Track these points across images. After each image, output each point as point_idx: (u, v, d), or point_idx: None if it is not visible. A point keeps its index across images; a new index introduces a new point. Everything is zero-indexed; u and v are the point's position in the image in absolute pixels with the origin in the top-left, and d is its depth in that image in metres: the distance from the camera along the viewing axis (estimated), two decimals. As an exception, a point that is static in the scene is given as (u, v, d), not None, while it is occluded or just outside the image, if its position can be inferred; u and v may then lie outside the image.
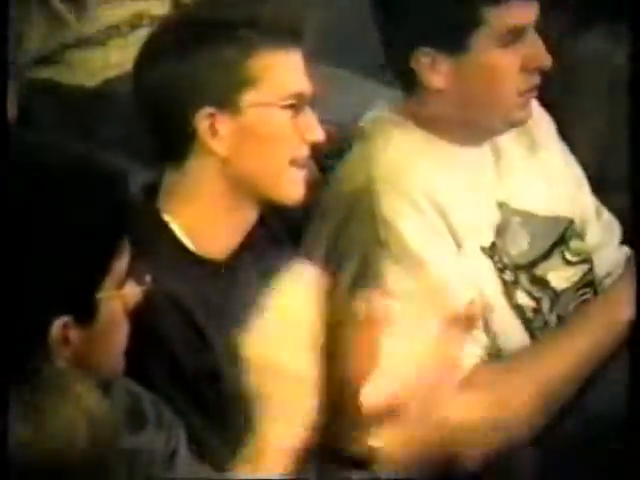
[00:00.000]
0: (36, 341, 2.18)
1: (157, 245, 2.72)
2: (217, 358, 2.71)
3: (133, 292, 2.29)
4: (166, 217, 2.71)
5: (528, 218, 3.12)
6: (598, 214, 3.27)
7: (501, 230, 3.10)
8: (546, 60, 2.87)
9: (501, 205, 3.08)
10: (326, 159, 3.15)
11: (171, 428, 2.44)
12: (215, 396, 2.73)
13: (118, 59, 3.61)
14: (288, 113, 2.69)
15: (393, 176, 3.00)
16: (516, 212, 3.13)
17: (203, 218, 2.77)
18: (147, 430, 2.38)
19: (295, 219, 3.07)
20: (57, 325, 2.14)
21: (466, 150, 3.03)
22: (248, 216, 2.77)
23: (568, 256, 3.14)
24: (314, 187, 2.99)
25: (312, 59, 2.86)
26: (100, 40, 3.64)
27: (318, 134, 2.74)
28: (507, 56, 2.85)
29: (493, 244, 3.06)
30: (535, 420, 2.96)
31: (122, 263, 2.25)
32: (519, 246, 3.12)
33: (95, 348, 2.24)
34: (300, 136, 2.73)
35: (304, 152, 2.74)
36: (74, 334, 2.17)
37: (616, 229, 3.29)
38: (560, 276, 3.13)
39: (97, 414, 2.02)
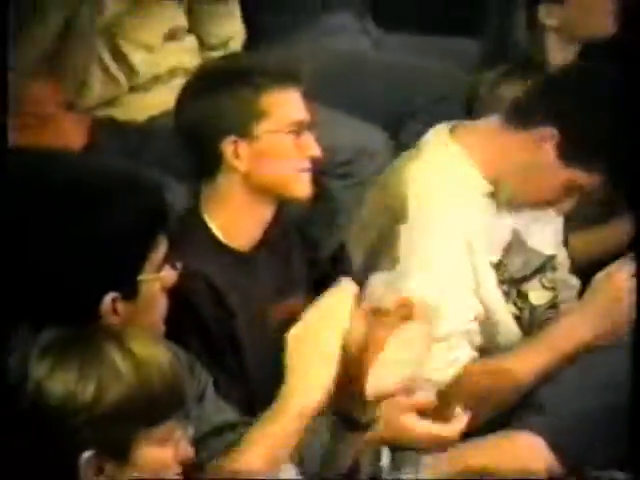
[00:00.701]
0: (92, 310, 2.49)
1: (198, 238, 3.07)
2: (239, 328, 3.02)
3: (169, 275, 2.57)
4: (206, 217, 3.06)
5: (524, 246, 3.39)
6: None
7: (507, 251, 3.36)
8: (316, 151, 3.07)
9: (514, 231, 3.37)
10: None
11: (200, 375, 2.72)
12: (235, 358, 3.02)
13: (160, 101, 3.84)
14: (292, 136, 3.03)
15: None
16: (519, 240, 3.39)
17: (231, 218, 3.09)
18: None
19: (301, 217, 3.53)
20: (107, 299, 2.46)
21: None
22: (265, 216, 3.09)
23: (544, 282, 3.43)
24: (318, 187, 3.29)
25: (308, 96, 3.13)
26: (146, 87, 3.90)
27: (316, 150, 3.05)
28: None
29: (500, 261, 3.35)
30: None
31: (159, 254, 2.56)
32: (515, 266, 3.36)
33: (138, 318, 2.54)
34: (302, 153, 3.05)
35: (307, 164, 3.06)
36: (121, 307, 2.47)
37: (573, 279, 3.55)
38: (537, 296, 3.41)
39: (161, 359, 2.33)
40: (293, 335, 2.57)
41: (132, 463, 2.32)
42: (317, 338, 2.58)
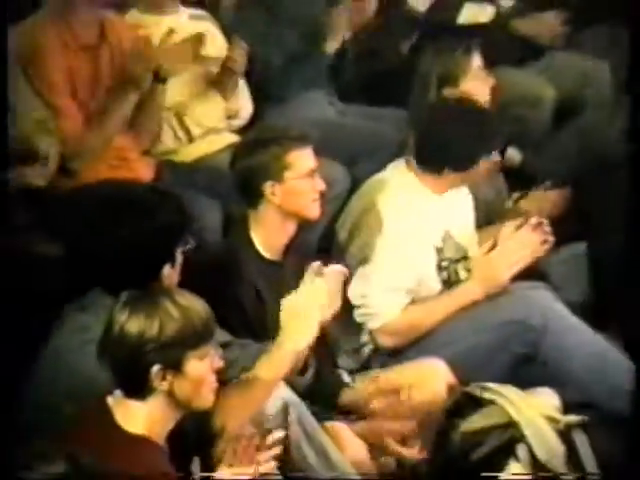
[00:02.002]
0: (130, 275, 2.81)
1: (245, 247, 3.39)
2: (268, 311, 3.27)
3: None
4: (252, 234, 3.40)
5: (453, 239, 3.79)
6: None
7: (444, 241, 3.75)
8: (323, 187, 3.40)
9: (447, 238, 3.74)
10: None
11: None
12: (261, 327, 3.27)
13: (200, 150, 4.22)
14: (308, 179, 3.37)
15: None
16: (450, 235, 3.78)
17: (268, 236, 3.39)
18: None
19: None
20: (166, 269, 2.87)
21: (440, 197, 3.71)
22: (290, 233, 3.39)
23: (467, 264, 3.79)
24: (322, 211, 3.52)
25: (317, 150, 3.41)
26: (192, 141, 4.22)
27: (323, 186, 3.41)
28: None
29: (440, 247, 3.73)
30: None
31: (187, 242, 2.91)
32: (450, 252, 3.76)
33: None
34: (314, 189, 3.38)
35: (317, 196, 3.39)
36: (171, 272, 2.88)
37: None
38: (462, 273, 3.79)
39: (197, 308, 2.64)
40: (288, 302, 2.89)
41: (184, 372, 2.60)
42: (304, 306, 2.88)
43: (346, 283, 3.16)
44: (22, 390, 2.92)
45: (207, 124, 4.25)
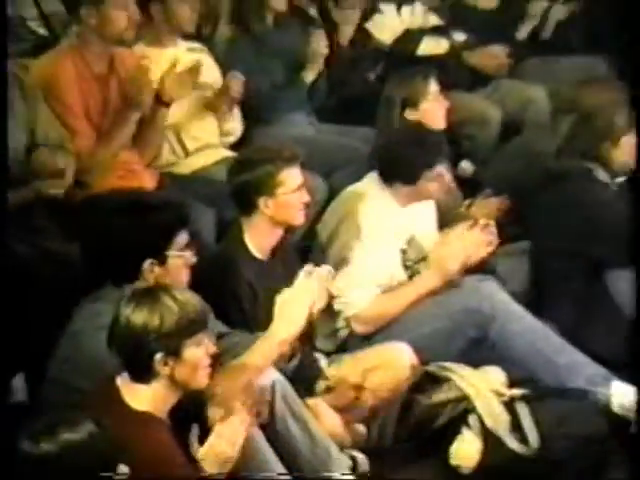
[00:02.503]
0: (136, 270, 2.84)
1: (238, 249, 3.36)
2: (259, 303, 3.28)
3: (189, 256, 2.89)
4: (246, 239, 3.37)
5: (416, 241, 3.77)
6: None
7: (409, 243, 3.74)
8: (308, 199, 3.37)
9: (411, 240, 3.73)
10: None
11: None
12: (254, 319, 3.24)
13: (196, 163, 4.20)
14: (296, 193, 3.34)
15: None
16: (414, 239, 3.76)
17: (260, 240, 3.37)
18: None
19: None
20: (147, 263, 2.85)
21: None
22: (277, 237, 3.39)
23: (426, 264, 3.74)
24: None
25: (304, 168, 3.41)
26: (189, 156, 4.19)
27: (308, 199, 3.38)
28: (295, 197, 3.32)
29: (405, 249, 3.73)
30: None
31: (181, 241, 2.89)
32: (413, 253, 3.76)
33: (170, 278, 2.84)
34: (301, 201, 3.36)
35: (303, 207, 3.37)
36: (156, 269, 2.86)
37: None
38: (421, 269, 3.75)
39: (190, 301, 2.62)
40: (282, 297, 2.92)
41: (182, 358, 2.59)
42: (296, 302, 2.90)
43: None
44: (45, 367, 2.93)
45: (202, 141, 4.24)
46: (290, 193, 3.33)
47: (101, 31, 3.74)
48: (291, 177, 3.34)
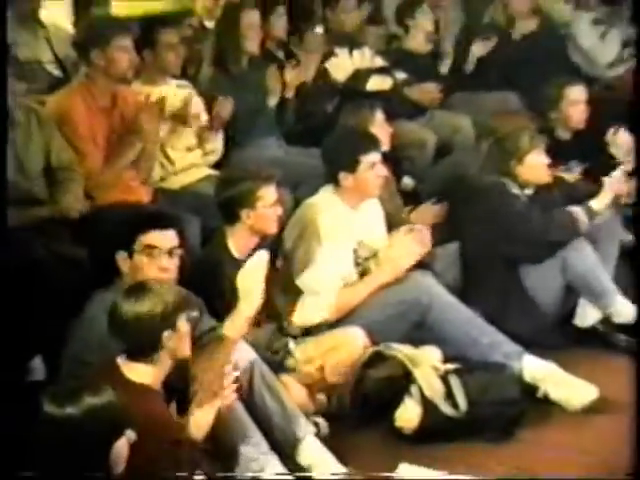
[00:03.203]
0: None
1: (223, 252, 3.31)
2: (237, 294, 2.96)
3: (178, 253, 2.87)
4: (229, 244, 3.32)
5: (365, 243, 3.70)
6: None
7: (359, 244, 3.67)
8: (281, 212, 3.33)
9: (360, 242, 3.67)
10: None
11: (202, 309, 2.89)
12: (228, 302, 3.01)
13: (183, 180, 4.08)
14: (272, 207, 3.31)
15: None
16: (363, 240, 3.69)
17: (241, 245, 3.32)
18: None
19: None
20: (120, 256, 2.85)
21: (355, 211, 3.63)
22: (255, 242, 3.32)
23: (376, 261, 3.68)
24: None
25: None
26: (177, 174, 4.10)
27: (281, 212, 3.36)
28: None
29: (356, 249, 3.67)
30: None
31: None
32: (363, 252, 3.70)
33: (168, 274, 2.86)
34: (276, 214, 3.33)
35: (277, 218, 3.34)
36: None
37: None
38: (372, 267, 3.67)
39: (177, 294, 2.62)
40: (239, 282, 2.81)
41: (179, 331, 2.57)
42: (251, 284, 2.82)
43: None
44: (59, 350, 2.92)
45: (188, 160, 4.17)
46: (267, 207, 3.31)
47: (107, 71, 3.72)
48: (268, 194, 3.31)
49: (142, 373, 2.57)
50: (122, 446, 2.10)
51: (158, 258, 2.88)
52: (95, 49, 3.70)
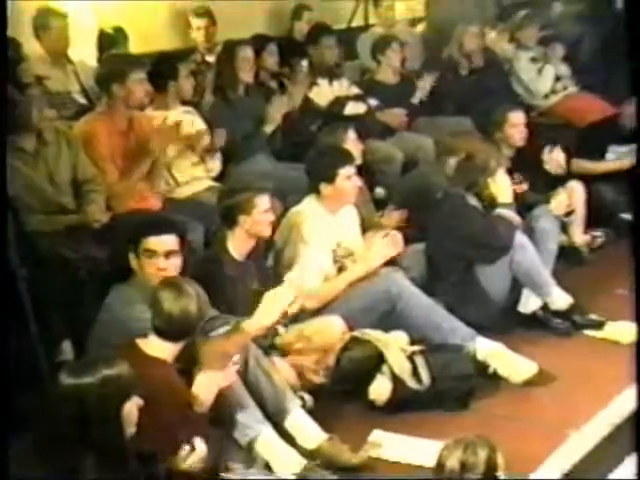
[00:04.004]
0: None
1: (223, 253, 3.26)
2: (239, 292, 3.20)
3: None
4: (229, 246, 3.26)
5: (343, 244, 3.64)
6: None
7: (338, 244, 3.63)
8: (273, 218, 3.25)
9: (338, 243, 3.63)
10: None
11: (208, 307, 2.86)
12: (234, 303, 3.11)
13: (187, 191, 4.03)
14: (266, 214, 3.25)
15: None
16: (341, 241, 3.64)
17: (239, 246, 3.27)
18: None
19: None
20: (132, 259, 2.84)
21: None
22: (252, 244, 3.29)
23: (352, 259, 3.60)
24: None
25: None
26: (180, 186, 4.03)
27: (273, 218, 3.30)
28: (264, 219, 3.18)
29: (335, 249, 3.61)
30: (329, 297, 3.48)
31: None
32: (341, 252, 3.64)
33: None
34: (269, 219, 3.27)
35: (270, 223, 3.28)
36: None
37: None
38: (349, 265, 3.60)
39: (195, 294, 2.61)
40: (269, 294, 2.79)
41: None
42: (277, 301, 2.80)
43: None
44: (84, 335, 2.93)
45: (189, 175, 4.11)
46: (262, 213, 3.26)
47: (125, 101, 3.72)
48: (262, 202, 3.26)
49: (158, 349, 2.56)
50: (131, 407, 2.09)
51: (156, 260, 2.84)
52: (115, 83, 3.70)
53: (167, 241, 2.87)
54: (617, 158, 4.69)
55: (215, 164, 4.22)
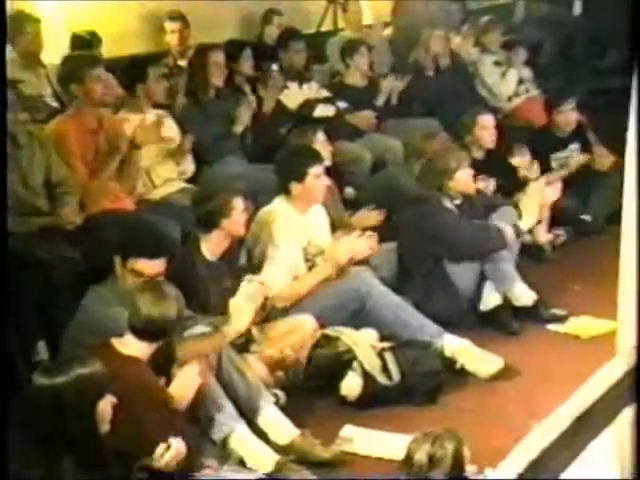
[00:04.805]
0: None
1: (197, 253, 3.25)
2: (211, 291, 3.20)
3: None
4: (203, 247, 3.24)
5: (313, 242, 3.63)
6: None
7: (308, 243, 3.61)
8: (245, 218, 3.24)
9: (309, 241, 3.60)
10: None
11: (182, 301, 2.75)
12: (206, 301, 3.14)
13: (162, 193, 3.99)
14: (241, 214, 3.25)
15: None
16: (311, 239, 3.62)
17: (213, 248, 3.26)
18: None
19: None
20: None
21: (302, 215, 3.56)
22: (226, 245, 3.28)
23: (323, 258, 3.60)
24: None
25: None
26: (156, 187, 3.99)
27: (247, 217, 3.31)
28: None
29: (305, 247, 3.59)
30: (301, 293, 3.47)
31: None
32: (312, 250, 3.63)
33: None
34: (244, 220, 3.29)
35: (244, 223, 3.29)
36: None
37: None
38: (319, 262, 3.60)
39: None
40: (233, 302, 2.85)
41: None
42: (244, 306, 2.86)
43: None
44: (59, 335, 2.91)
45: (165, 177, 4.10)
46: (239, 214, 3.26)
47: (87, 100, 3.68)
48: (238, 203, 3.26)
49: (133, 348, 2.54)
50: (105, 405, 2.08)
51: (141, 277, 2.83)
52: (73, 83, 3.69)
53: (157, 264, 2.84)
54: (558, 164, 4.68)
55: (188, 167, 4.21)
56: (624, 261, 1.55)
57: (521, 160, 4.40)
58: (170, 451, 2.31)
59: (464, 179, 3.82)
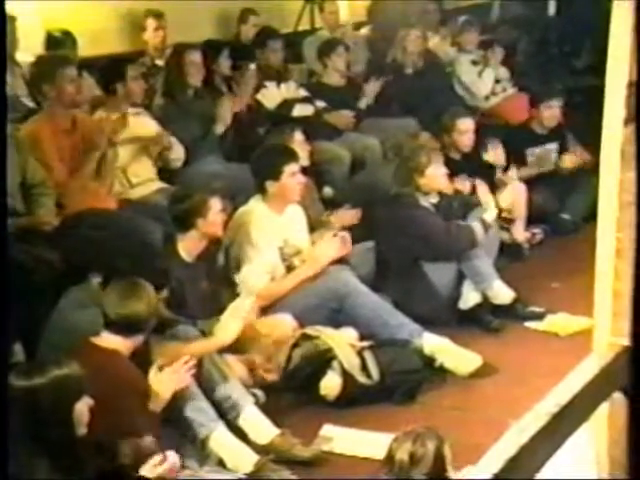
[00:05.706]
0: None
1: (175, 255, 3.24)
2: (188, 292, 3.20)
3: None
4: (179, 248, 3.24)
5: (290, 242, 3.63)
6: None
7: (285, 243, 3.62)
8: (224, 218, 3.24)
9: (285, 241, 3.60)
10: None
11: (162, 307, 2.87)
12: (185, 303, 3.17)
13: (139, 195, 3.97)
14: (219, 215, 3.23)
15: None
16: (288, 239, 3.64)
17: (190, 249, 3.25)
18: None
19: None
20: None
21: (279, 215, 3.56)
22: (203, 245, 3.27)
23: (300, 257, 3.61)
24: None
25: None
26: (133, 187, 4.00)
27: (225, 217, 3.30)
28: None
29: (282, 247, 3.61)
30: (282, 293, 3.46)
31: None
32: (289, 250, 3.63)
33: None
34: (222, 220, 3.28)
35: (221, 223, 3.28)
36: None
37: None
38: (297, 262, 3.61)
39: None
40: (223, 317, 2.91)
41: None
42: (233, 320, 2.93)
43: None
44: (36, 337, 2.90)
45: (143, 176, 4.07)
46: (216, 215, 3.24)
47: (59, 100, 3.66)
48: (216, 204, 3.25)
49: (112, 343, 2.55)
50: (82, 407, 2.08)
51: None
52: (45, 83, 3.67)
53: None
54: (533, 161, 4.71)
55: (177, 156, 4.20)
56: (600, 259, 1.56)
57: (494, 155, 4.45)
58: (164, 465, 2.31)
59: (435, 176, 3.82)
